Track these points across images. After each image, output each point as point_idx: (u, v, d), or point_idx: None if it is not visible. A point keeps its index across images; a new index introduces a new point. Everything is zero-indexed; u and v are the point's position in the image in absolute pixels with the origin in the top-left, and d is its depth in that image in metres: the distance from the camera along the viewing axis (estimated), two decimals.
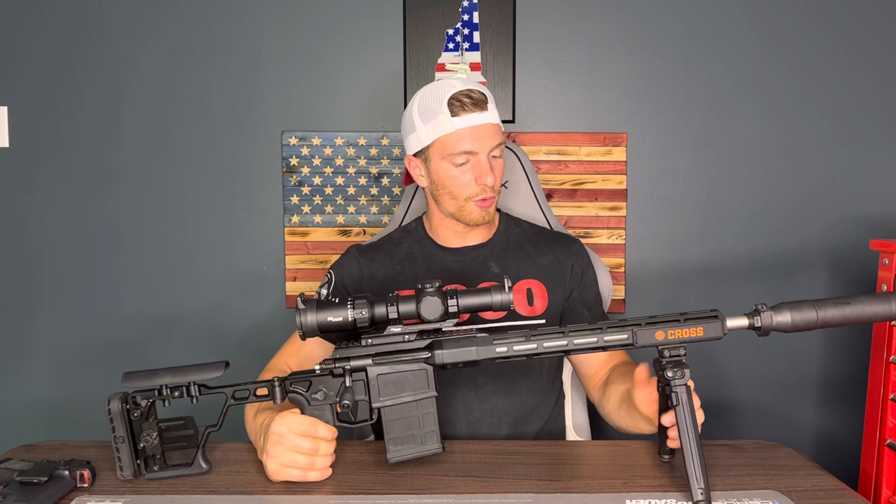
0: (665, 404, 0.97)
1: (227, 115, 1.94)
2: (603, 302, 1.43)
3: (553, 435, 1.36)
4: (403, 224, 1.49)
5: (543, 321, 1.29)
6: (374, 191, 1.95)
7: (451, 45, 1.90)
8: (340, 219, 1.95)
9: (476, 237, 1.35)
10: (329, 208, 1.95)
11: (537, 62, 1.93)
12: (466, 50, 1.90)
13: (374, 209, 1.95)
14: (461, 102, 1.22)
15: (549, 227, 1.52)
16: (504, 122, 1.91)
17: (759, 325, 0.92)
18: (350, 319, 0.98)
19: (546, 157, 1.93)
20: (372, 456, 1.09)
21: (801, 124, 1.93)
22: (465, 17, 1.90)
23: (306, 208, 1.95)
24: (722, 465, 1.03)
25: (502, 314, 1.27)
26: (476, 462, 1.05)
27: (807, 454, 1.09)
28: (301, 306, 0.98)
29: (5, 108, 1.93)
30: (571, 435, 1.46)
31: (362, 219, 1.95)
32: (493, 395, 1.28)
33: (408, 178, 1.40)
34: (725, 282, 1.95)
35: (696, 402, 0.95)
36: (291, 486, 0.97)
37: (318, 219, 1.95)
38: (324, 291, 1.34)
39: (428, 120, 1.24)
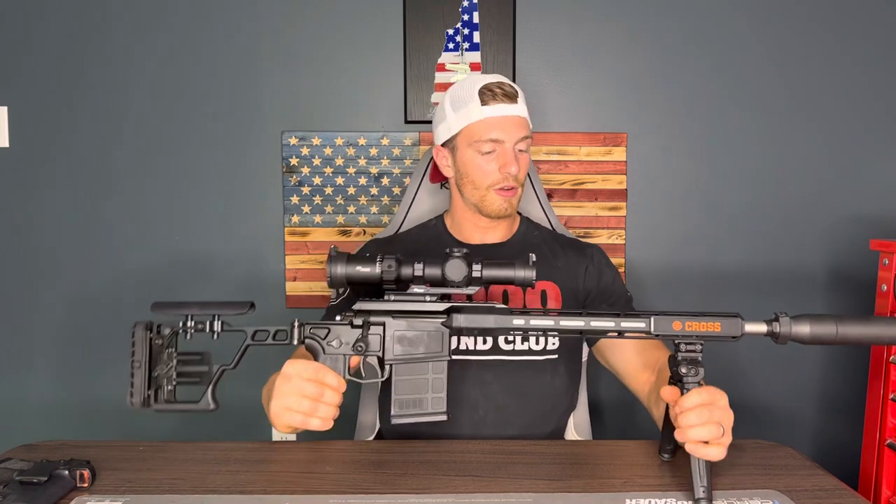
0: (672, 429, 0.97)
1: (227, 115, 1.94)
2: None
3: (553, 435, 1.35)
4: (423, 223, 1.48)
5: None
6: (374, 191, 1.95)
7: (451, 45, 1.90)
8: (340, 219, 1.95)
9: (496, 235, 1.36)
10: (329, 208, 1.95)
11: (537, 62, 1.93)
12: (466, 50, 1.90)
13: (374, 209, 1.95)
14: (492, 92, 1.26)
15: (550, 227, 1.52)
16: None
17: (777, 331, 0.92)
18: (377, 272, 1.00)
19: (546, 157, 1.93)
20: (372, 456, 1.09)
21: (801, 124, 1.93)
22: (465, 17, 1.90)
23: (306, 208, 1.95)
24: (722, 464, 1.03)
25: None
26: (476, 462, 1.05)
27: (807, 454, 1.09)
28: (333, 255, 1.00)
29: (5, 108, 1.93)
30: (571, 435, 1.45)
31: (362, 219, 1.95)
32: (499, 394, 1.27)
33: (434, 175, 1.41)
34: (725, 282, 1.95)
35: (724, 398, 0.93)
36: (291, 486, 0.97)
37: (318, 219, 1.96)
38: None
39: (458, 108, 1.28)
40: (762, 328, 0.93)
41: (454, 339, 1.28)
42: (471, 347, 1.28)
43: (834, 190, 1.94)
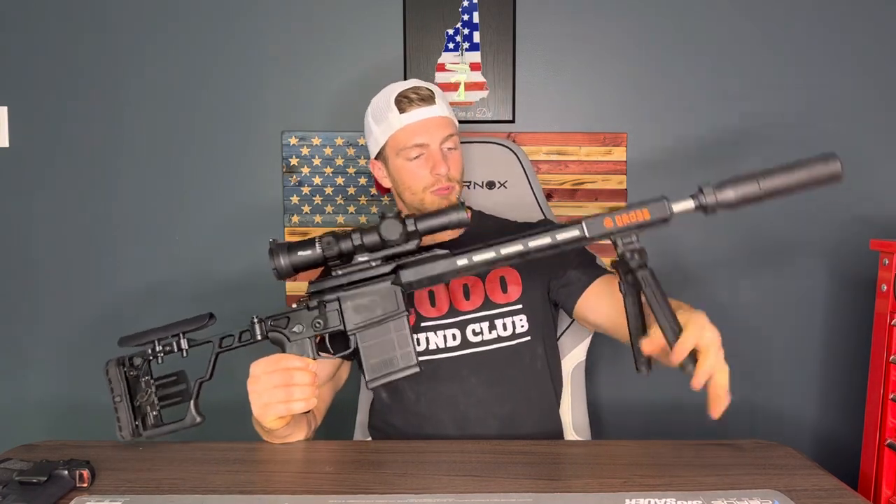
0: (633, 303, 0.98)
1: (227, 115, 1.94)
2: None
3: (551, 435, 1.35)
4: None
5: (521, 306, 1.30)
6: (374, 191, 1.95)
7: (451, 45, 1.90)
8: (340, 219, 1.95)
9: (446, 234, 1.36)
10: (329, 208, 1.95)
11: (537, 62, 1.93)
12: (466, 50, 1.90)
13: (374, 209, 1.95)
14: (408, 98, 1.29)
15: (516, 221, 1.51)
16: (504, 122, 1.92)
17: (704, 203, 0.96)
18: (319, 252, 1.03)
19: (546, 157, 1.93)
20: (372, 456, 1.09)
21: (800, 124, 1.93)
22: (465, 17, 1.90)
23: (306, 208, 1.95)
24: (722, 464, 1.03)
25: (478, 303, 1.30)
26: (476, 462, 1.05)
27: (807, 454, 1.09)
28: (273, 248, 1.03)
29: (5, 108, 1.93)
30: (571, 435, 1.45)
31: (362, 219, 1.95)
32: (478, 387, 1.28)
33: (379, 187, 1.43)
34: (725, 282, 1.95)
35: (724, 368, 0.92)
36: (291, 486, 0.97)
37: (318, 219, 1.96)
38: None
39: (380, 121, 1.31)
40: (690, 204, 0.98)
41: (423, 340, 1.29)
42: (441, 346, 1.29)
43: (834, 190, 1.91)
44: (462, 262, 1.00)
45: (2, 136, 1.93)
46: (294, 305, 1.06)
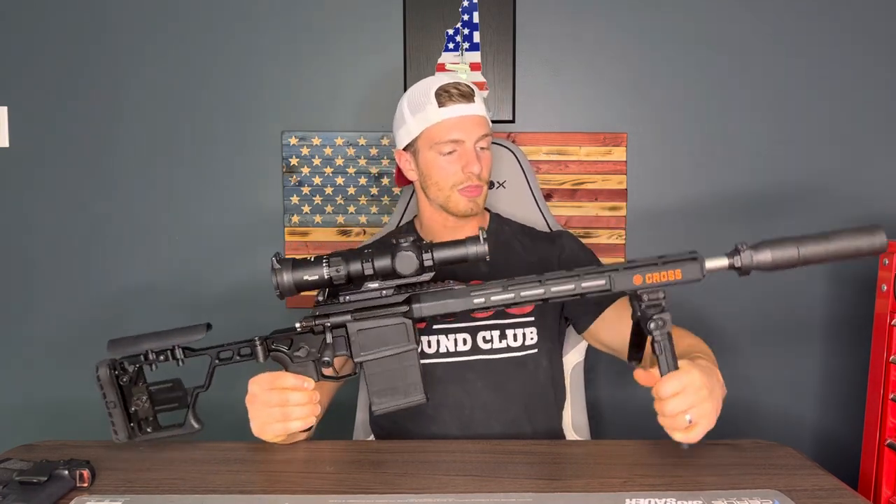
0: (640, 341, 0.97)
1: (227, 115, 1.94)
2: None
3: (551, 435, 1.35)
4: (401, 224, 1.51)
5: (533, 318, 1.30)
6: (374, 191, 1.95)
7: (451, 45, 1.90)
8: (340, 219, 1.95)
9: (466, 233, 1.35)
10: (329, 208, 1.95)
11: (537, 62, 1.93)
12: (466, 50, 1.90)
13: (374, 209, 1.95)
14: (448, 93, 1.26)
15: (547, 228, 1.53)
16: (504, 122, 1.92)
17: (740, 264, 0.92)
18: (326, 277, 0.99)
19: (546, 157, 1.93)
20: (372, 456, 1.09)
21: (801, 124, 1.93)
22: (465, 17, 1.90)
23: (306, 208, 1.95)
24: (722, 464, 1.03)
25: (492, 311, 1.28)
26: (476, 461, 1.05)
27: (807, 454, 1.09)
28: (276, 266, 0.98)
29: (5, 108, 1.93)
30: (571, 435, 1.45)
31: (362, 219, 1.95)
32: (483, 391, 1.28)
33: (400, 179, 1.42)
34: (725, 281, 1.94)
35: (698, 377, 0.93)
36: (291, 486, 0.97)
37: (318, 219, 1.96)
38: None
39: (416, 112, 1.28)
40: (724, 262, 0.93)
41: (434, 343, 1.29)
42: (451, 349, 1.29)
43: (834, 190, 1.94)
44: (479, 300, 0.97)
45: (2, 136, 1.93)
46: (298, 326, 1.03)
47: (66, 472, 0.96)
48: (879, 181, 1.93)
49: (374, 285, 1.01)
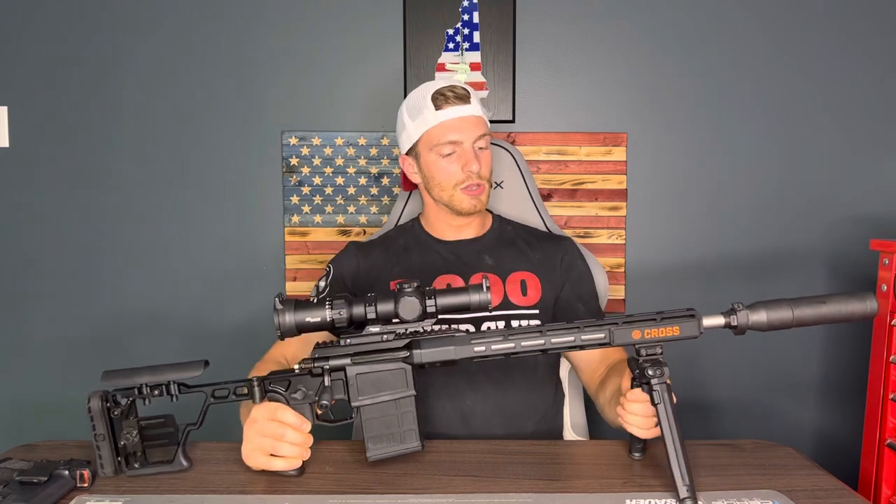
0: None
1: (227, 115, 1.94)
2: (599, 299, 1.43)
3: (551, 434, 1.36)
4: (400, 224, 1.52)
5: (537, 311, 1.30)
6: (374, 191, 1.95)
7: (451, 45, 1.90)
8: (340, 219, 1.95)
9: (470, 231, 1.40)
10: (329, 208, 1.95)
11: (537, 62, 1.93)
12: (466, 50, 1.90)
13: (374, 209, 1.95)
14: (444, 96, 1.30)
15: (545, 229, 1.54)
16: (504, 122, 1.92)
17: (736, 324, 0.94)
18: (328, 320, 0.99)
19: (546, 157, 1.93)
20: None
21: (801, 124, 1.93)
22: (465, 17, 1.90)
23: (306, 208, 1.95)
24: (721, 464, 1.03)
25: (497, 302, 1.31)
26: (476, 461, 1.05)
27: (807, 454, 1.09)
28: (279, 307, 0.99)
29: (5, 108, 1.93)
30: (570, 434, 1.46)
31: (362, 219, 1.95)
32: (485, 384, 1.29)
33: (406, 183, 1.46)
34: (725, 282, 1.95)
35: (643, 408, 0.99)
36: (291, 486, 0.97)
37: (318, 219, 1.96)
38: (322, 283, 1.35)
39: (415, 117, 1.32)
40: (720, 321, 0.95)
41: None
42: None
43: (834, 190, 1.94)
44: (479, 348, 0.97)
45: (2, 136, 1.93)
46: (296, 368, 1.02)
47: (67, 471, 0.96)
48: (880, 181, 1.93)
49: (376, 329, 1.01)
